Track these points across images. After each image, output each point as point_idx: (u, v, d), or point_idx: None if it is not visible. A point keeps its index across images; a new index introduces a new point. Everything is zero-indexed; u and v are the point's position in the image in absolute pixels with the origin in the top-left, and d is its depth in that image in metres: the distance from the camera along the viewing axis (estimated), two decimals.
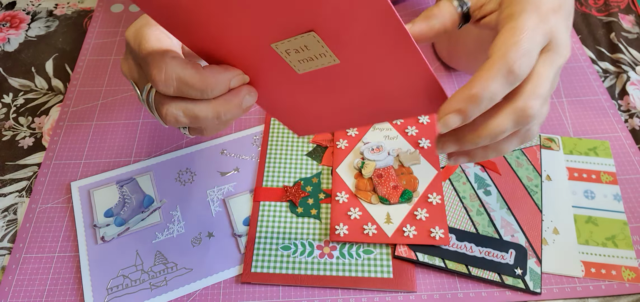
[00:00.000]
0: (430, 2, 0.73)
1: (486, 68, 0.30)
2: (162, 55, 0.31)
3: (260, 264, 0.47)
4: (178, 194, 0.52)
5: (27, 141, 0.58)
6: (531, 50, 0.31)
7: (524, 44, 0.30)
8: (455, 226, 0.49)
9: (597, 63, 0.65)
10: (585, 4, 0.73)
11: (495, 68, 0.30)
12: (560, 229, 0.49)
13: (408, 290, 0.45)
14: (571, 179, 0.53)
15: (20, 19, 0.73)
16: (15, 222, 0.51)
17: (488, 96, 0.30)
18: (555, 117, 0.59)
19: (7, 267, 0.48)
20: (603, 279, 0.46)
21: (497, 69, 0.30)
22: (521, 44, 0.30)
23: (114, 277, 0.47)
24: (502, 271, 0.46)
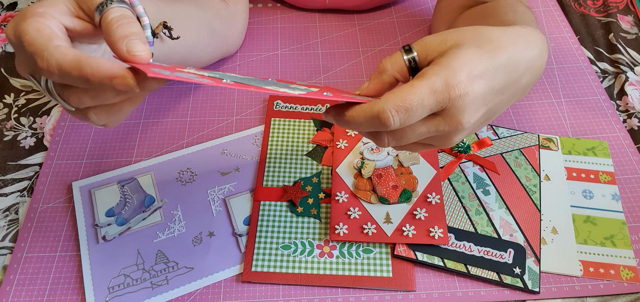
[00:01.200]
0: (428, 2, 0.74)
1: (366, 107, 0.33)
2: (45, 44, 0.31)
3: (260, 264, 0.47)
4: (179, 193, 0.53)
5: (28, 141, 0.58)
6: (412, 111, 0.32)
7: (407, 102, 0.32)
8: (454, 226, 0.49)
9: (596, 63, 0.65)
10: (583, 5, 0.74)
11: (370, 112, 0.33)
12: (558, 228, 0.49)
13: (407, 289, 0.46)
14: (570, 178, 0.53)
15: None
16: (16, 222, 0.52)
17: (355, 126, 0.34)
18: (554, 117, 0.59)
19: (8, 266, 0.48)
20: (601, 278, 0.46)
21: (371, 114, 0.33)
22: (404, 101, 0.32)
23: (115, 277, 0.47)
24: (500, 270, 0.46)
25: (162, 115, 0.60)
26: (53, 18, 0.34)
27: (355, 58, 0.66)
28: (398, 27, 0.70)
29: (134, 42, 0.32)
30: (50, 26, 0.33)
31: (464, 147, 0.54)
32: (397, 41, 0.68)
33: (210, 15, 0.58)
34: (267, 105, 0.60)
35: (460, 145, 0.54)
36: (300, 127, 0.57)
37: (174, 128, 0.59)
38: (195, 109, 0.61)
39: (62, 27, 0.34)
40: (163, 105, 0.61)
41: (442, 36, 0.35)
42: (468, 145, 0.54)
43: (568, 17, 0.71)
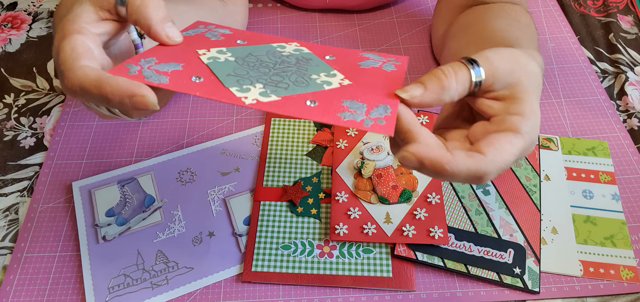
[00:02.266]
0: (428, 2, 0.74)
1: (472, 166, 0.31)
2: (71, 64, 0.32)
3: (260, 263, 0.47)
4: (179, 193, 0.53)
5: (28, 141, 0.58)
6: (505, 168, 0.33)
7: (507, 163, 0.32)
8: (454, 226, 0.49)
9: (596, 63, 0.65)
10: (584, 5, 0.74)
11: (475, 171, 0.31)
12: (558, 228, 0.49)
13: (407, 289, 0.46)
14: (570, 178, 0.53)
15: (21, 20, 0.73)
16: (16, 222, 0.52)
17: (449, 176, 0.32)
18: (554, 117, 0.59)
19: (8, 266, 0.48)
20: (601, 278, 0.46)
21: (475, 173, 0.32)
22: (506, 163, 0.32)
23: (115, 277, 0.47)
24: (500, 270, 0.46)
25: (162, 115, 0.60)
26: (89, 31, 0.34)
27: None
28: (398, 27, 0.70)
29: (169, 26, 0.35)
30: (85, 43, 0.33)
31: None
32: (397, 41, 0.68)
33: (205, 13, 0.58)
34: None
35: None
36: (300, 127, 0.57)
37: (174, 128, 0.59)
38: (195, 109, 0.61)
39: (97, 38, 0.35)
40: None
41: (508, 63, 0.34)
42: None
43: (568, 17, 0.71)
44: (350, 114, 0.31)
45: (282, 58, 0.37)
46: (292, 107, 0.31)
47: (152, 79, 0.32)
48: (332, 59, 0.37)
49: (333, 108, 0.31)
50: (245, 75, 0.34)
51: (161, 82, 0.32)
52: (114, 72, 0.33)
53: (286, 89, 0.33)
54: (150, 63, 0.34)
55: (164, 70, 0.33)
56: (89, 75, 0.31)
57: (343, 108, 0.32)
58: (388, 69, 0.36)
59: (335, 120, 0.31)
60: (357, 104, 0.32)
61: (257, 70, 0.35)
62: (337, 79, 0.34)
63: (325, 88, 0.33)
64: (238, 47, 0.38)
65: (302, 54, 0.38)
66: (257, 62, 0.36)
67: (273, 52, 0.37)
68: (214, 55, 0.36)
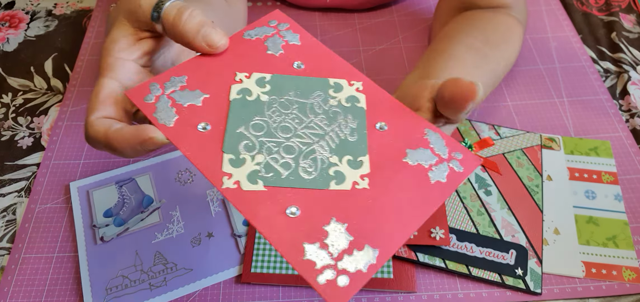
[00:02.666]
0: (429, 2, 0.73)
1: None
2: (87, 117, 0.32)
3: (260, 264, 0.47)
4: (177, 194, 0.52)
5: (26, 141, 0.58)
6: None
7: None
8: (456, 226, 0.48)
9: (598, 63, 0.65)
10: (586, 4, 0.73)
11: None
12: (561, 229, 0.49)
13: (408, 290, 0.45)
14: (572, 179, 0.52)
15: (19, 19, 0.73)
16: (14, 223, 0.51)
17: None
18: (556, 117, 0.59)
19: (6, 267, 0.48)
20: (604, 279, 0.46)
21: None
22: None
23: (114, 278, 0.46)
24: (502, 272, 0.46)
25: None
26: (123, 63, 0.33)
27: (355, 58, 0.66)
28: (398, 27, 0.70)
29: (209, 32, 0.33)
30: (110, 86, 0.33)
31: (466, 147, 0.53)
32: (397, 40, 0.68)
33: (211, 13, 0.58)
34: None
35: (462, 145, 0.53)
36: None
37: None
38: None
39: (132, 65, 0.34)
40: None
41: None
42: (470, 145, 0.54)
43: (570, 16, 0.71)
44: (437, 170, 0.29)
45: (323, 110, 0.33)
46: (262, 218, 0.27)
47: (160, 116, 0.31)
48: (383, 130, 0.32)
49: (297, 242, 0.26)
50: (256, 136, 0.31)
51: (165, 125, 0.30)
52: (131, 95, 0.32)
53: (283, 174, 0.29)
54: (177, 86, 0.32)
55: (180, 103, 0.31)
56: (99, 131, 0.31)
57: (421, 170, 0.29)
58: (437, 176, 0.30)
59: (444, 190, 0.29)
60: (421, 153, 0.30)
61: (279, 125, 0.31)
62: (357, 174, 0.30)
63: (331, 188, 0.29)
64: (284, 77, 0.34)
65: (352, 110, 0.33)
66: (290, 111, 0.32)
67: (320, 98, 0.33)
68: (248, 87, 0.33)
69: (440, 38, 0.55)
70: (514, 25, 0.55)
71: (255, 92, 0.33)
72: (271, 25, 0.37)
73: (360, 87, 0.34)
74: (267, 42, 0.36)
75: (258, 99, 0.32)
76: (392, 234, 0.27)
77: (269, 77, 0.34)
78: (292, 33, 0.37)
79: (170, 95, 0.32)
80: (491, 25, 0.54)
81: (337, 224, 0.27)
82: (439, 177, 0.30)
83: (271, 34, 0.36)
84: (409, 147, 0.31)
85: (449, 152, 0.31)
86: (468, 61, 0.49)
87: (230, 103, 0.32)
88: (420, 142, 0.31)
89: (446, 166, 0.30)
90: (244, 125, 0.31)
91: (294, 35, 0.36)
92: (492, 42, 0.52)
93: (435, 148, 0.31)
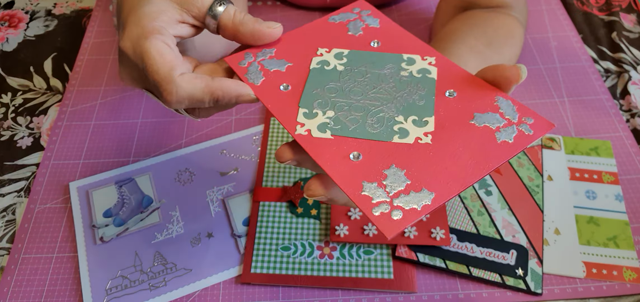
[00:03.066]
0: (429, 1, 0.73)
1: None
2: (170, 77, 0.32)
3: (260, 265, 0.47)
4: (177, 194, 0.52)
5: (25, 141, 0.58)
6: None
7: None
8: (456, 227, 0.48)
9: (599, 63, 0.65)
10: (586, 4, 0.73)
11: None
12: (561, 229, 0.49)
13: (408, 291, 0.45)
14: (573, 179, 0.52)
15: (18, 19, 0.72)
16: (13, 223, 0.51)
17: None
18: (557, 117, 0.58)
19: (5, 267, 0.48)
20: (604, 279, 0.46)
21: None
22: None
23: (113, 278, 0.46)
24: (503, 272, 0.45)
25: (160, 115, 0.59)
26: (167, 32, 0.34)
27: None
28: None
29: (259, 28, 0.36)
30: (170, 46, 0.34)
31: None
32: None
33: None
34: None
35: None
36: None
37: (172, 128, 0.58)
38: None
39: (173, 40, 0.35)
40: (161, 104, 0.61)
41: None
42: None
43: (571, 16, 0.71)
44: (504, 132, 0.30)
45: (394, 79, 0.35)
46: (327, 159, 0.30)
47: (250, 77, 0.35)
48: (452, 97, 0.33)
49: (356, 180, 0.29)
50: (329, 96, 0.34)
51: (253, 84, 0.35)
52: (229, 60, 0.36)
53: (350, 127, 0.32)
54: (266, 56, 0.36)
55: (267, 68, 0.36)
56: (198, 85, 0.33)
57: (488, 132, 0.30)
58: (504, 137, 0.31)
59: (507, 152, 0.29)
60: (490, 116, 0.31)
61: (351, 89, 0.34)
62: (420, 131, 0.31)
63: (394, 141, 0.31)
64: (360, 53, 0.37)
65: (423, 80, 0.35)
66: (363, 78, 0.35)
67: (393, 69, 0.35)
68: (326, 60, 0.37)
69: (441, 38, 0.55)
70: (515, 27, 0.55)
71: (333, 63, 0.36)
72: (354, 11, 0.40)
73: (433, 61, 0.36)
74: (349, 25, 0.39)
75: (335, 68, 0.36)
76: (449, 182, 0.29)
77: (347, 52, 0.37)
78: (372, 18, 0.40)
79: (260, 62, 0.36)
80: (493, 26, 0.54)
81: (396, 169, 0.29)
82: (506, 137, 0.30)
83: (353, 18, 0.40)
84: (477, 111, 0.32)
85: (519, 117, 0.31)
86: (470, 64, 0.49)
87: (310, 71, 0.36)
88: (490, 107, 0.32)
89: (515, 128, 0.31)
90: (319, 88, 0.35)
91: (374, 20, 0.39)
92: (494, 44, 0.52)
93: (505, 113, 0.32)
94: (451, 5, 0.60)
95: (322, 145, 0.31)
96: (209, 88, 0.33)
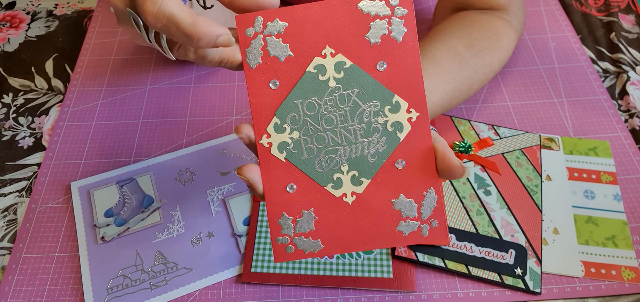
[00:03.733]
0: (429, 2, 0.73)
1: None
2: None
3: (260, 264, 0.47)
4: (178, 194, 0.52)
5: (27, 141, 0.58)
6: None
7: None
8: (455, 226, 0.49)
9: (597, 63, 0.65)
10: (585, 4, 0.73)
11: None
12: (560, 229, 0.49)
13: (408, 290, 0.45)
14: (571, 179, 0.53)
15: (20, 19, 0.73)
16: (15, 222, 0.51)
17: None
18: (555, 117, 0.59)
19: (7, 267, 0.48)
20: (603, 279, 0.46)
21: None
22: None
23: (114, 277, 0.47)
24: (502, 271, 0.46)
25: (161, 115, 0.60)
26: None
27: None
28: None
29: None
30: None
31: (465, 147, 0.54)
32: None
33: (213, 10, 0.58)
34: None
35: (462, 145, 0.53)
36: None
37: (173, 128, 0.58)
38: (195, 109, 0.60)
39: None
40: (162, 104, 0.61)
41: None
42: (469, 145, 0.54)
43: (569, 16, 0.71)
44: (406, 224, 0.36)
45: (368, 121, 0.35)
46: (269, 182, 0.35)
47: (249, 55, 0.34)
48: (398, 168, 0.36)
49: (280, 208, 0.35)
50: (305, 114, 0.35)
51: (248, 65, 0.35)
52: (239, 19, 0.34)
53: (303, 156, 0.35)
54: (275, 32, 0.34)
55: (268, 51, 0.35)
56: (183, 8, 0.31)
57: (396, 216, 0.36)
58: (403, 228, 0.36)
59: (396, 241, 0.36)
60: (408, 204, 0.35)
61: (327, 116, 0.35)
62: (350, 189, 0.36)
63: (327, 188, 0.36)
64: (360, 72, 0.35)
65: (390, 137, 0.35)
66: (343, 106, 0.35)
67: (375, 108, 0.35)
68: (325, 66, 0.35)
69: (429, 36, 0.55)
70: (503, 31, 0.55)
71: (329, 74, 0.35)
72: (390, 5, 0.35)
73: (414, 118, 0.35)
74: (373, 25, 0.35)
75: (327, 81, 0.35)
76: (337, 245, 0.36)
77: (349, 65, 0.35)
78: (401, 25, 0.35)
79: (265, 37, 0.34)
80: (480, 28, 0.54)
81: (312, 214, 0.35)
82: (403, 229, 0.36)
83: (383, 16, 0.35)
84: (403, 194, 0.36)
85: (429, 217, 0.36)
86: (443, 66, 0.50)
87: (304, 73, 0.35)
88: (415, 196, 0.36)
89: (416, 226, 0.36)
90: (301, 99, 0.35)
91: (400, 29, 0.35)
92: (475, 47, 0.52)
93: (423, 208, 0.36)
94: (448, 6, 0.60)
95: (273, 166, 0.35)
96: (193, 18, 0.31)
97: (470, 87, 0.53)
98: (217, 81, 0.63)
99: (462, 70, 0.51)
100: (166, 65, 0.66)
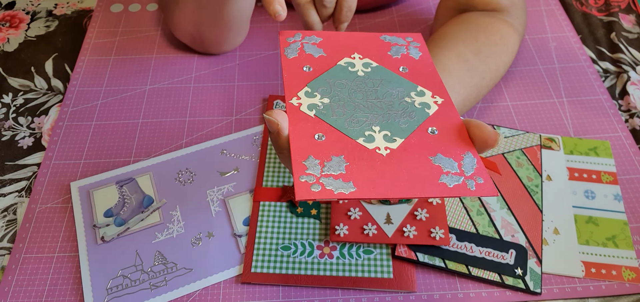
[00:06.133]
0: (429, 2, 0.73)
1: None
2: None
3: (260, 264, 0.47)
4: (178, 194, 0.52)
5: (26, 141, 0.58)
6: None
7: None
8: (456, 226, 0.48)
9: (598, 63, 0.65)
10: (585, 4, 0.73)
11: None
12: (560, 229, 0.49)
13: (408, 290, 0.45)
14: (571, 179, 0.53)
15: (19, 19, 0.73)
16: (14, 222, 0.51)
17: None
18: (556, 117, 0.59)
19: (6, 267, 0.48)
20: (603, 279, 0.46)
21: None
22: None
23: (114, 278, 0.47)
24: (502, 271, 0.46)
25: (161, 115, 0.60)
26: None
27: None
28: (399, 27, 0.70)
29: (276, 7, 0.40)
30: None
31: None
32: None
33: None
34: (266, 105, 0.60)
35: None
36: None
37: (173, 128, 0.58)
38: (194, 109, 0.60)
39: None
40: (162, 105, 0.61)
41: None
42: None
43: (570, 16, 0.71)
44: (448, 178, 0.32)
45: (397, 100, 0.37)
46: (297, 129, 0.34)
47: (287, 51, 0.40)
48: (432, 134, 0.35)
49: (306, 151, 0.33)
50: (337, 86, 0.38)
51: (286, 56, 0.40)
52: (282, 33, 0.42)
53: (331, 116, 0.35)
54: (311, 41, 0.42)
55: (303, 49, 0.41)
56: None
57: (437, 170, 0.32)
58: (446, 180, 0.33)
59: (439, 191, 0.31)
60: (448, 161, 0.33)
61: (358, 90, 0.38)
62: (383, 144, 0.34)
63: (358, 140, 0.34)
64: (385, 70, 0.40)
65: (419, 111, 0.37)
66: (373, 86, 0.38)
67: (401, 93, 0.38)
68: (354, 63, 0.40)
69: (434, 40, 0.55)
70: (508, 34, 0.55)
71: (358, 67, 0.40)
72: (406, 39, 0.44)
73: (439, 101, 0.38)
74: (393, 47, 0.42)
75: (356, 71, 0.40)
76: (373, 188, 0.32)
77: (375, 65, 0.40)
78: (417, 50, 0.42)
79: (303, 43, 0.41)
80: (485, 32, 0.54)
81: (342, 159, 0.33)
82: (447, 181, 0.32)
83: (401, 44, 0.43)
84: (441, 153, 0.34)
85: (472, 174, 0.32)
86: (454, 74, 0.50)
87: (335, 65, 0.40)
88: (454, 156, 0.33)
89: (460, 179, 0.32)
90: (332, 79, 0.38)
91: (416, 52, 0.42)
92: (482, 52, 0.53)
93: (463, 165, 0.33)
94: (450, 7, 0.60)
95: (301, 118, 0.35)
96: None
97: (479, 95, 0.53)
98: (217, 81, 0.63)
99: (471, 78, 0.51)
100: (166, 65, 0.65)
